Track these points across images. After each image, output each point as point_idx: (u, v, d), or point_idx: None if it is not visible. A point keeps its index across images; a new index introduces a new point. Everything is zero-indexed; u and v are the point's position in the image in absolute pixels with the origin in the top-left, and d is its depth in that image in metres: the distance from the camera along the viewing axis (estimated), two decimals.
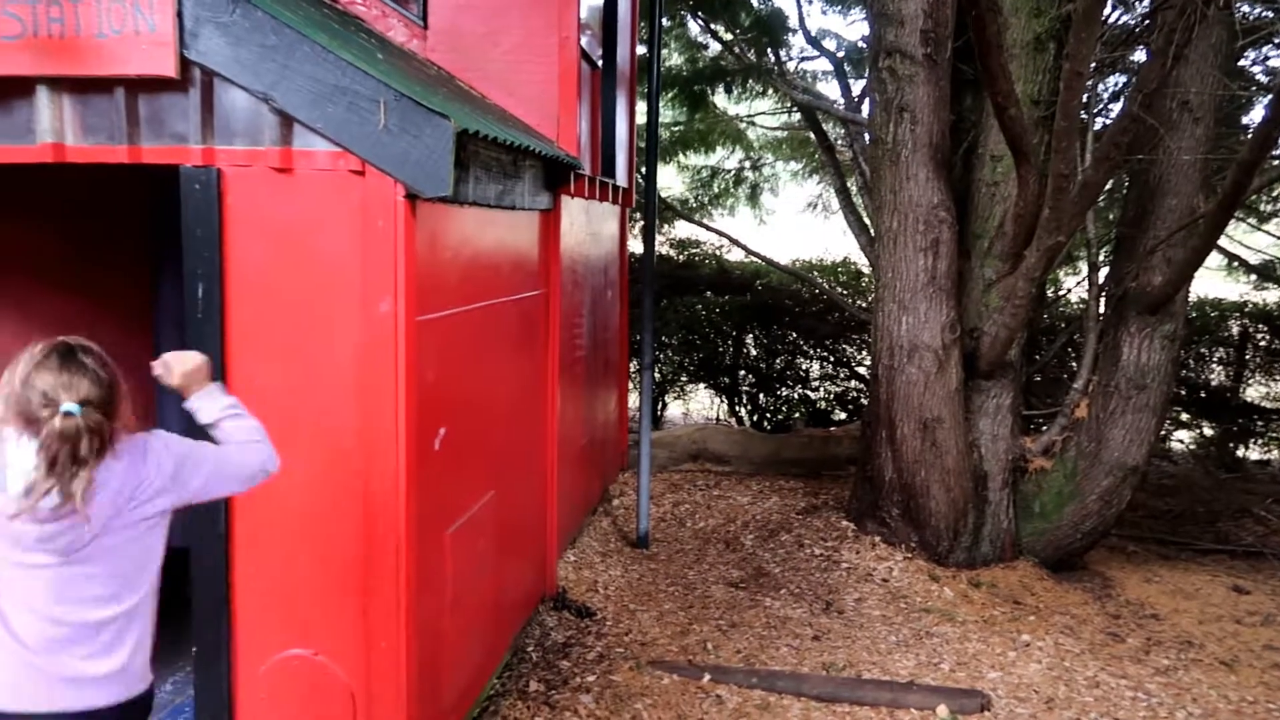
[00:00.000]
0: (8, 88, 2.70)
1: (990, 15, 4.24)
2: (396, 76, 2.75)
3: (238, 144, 2.68)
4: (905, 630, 4.62)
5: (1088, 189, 4.52)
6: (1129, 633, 4.81)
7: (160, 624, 1.98)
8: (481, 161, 3.14)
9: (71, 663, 1.92)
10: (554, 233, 4.39)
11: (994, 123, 4.92)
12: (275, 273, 2.71)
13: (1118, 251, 5.61)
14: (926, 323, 5.24)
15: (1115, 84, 6.85)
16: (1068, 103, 4.10)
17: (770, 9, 8.38)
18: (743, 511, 6.42)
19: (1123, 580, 5.61)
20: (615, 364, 6.80)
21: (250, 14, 2.57)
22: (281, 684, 2.83)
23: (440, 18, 4.19)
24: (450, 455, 3.11)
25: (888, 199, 5.33)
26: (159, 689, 3.59)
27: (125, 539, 1.96)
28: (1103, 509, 5.37)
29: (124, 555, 1.96)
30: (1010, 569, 5.38)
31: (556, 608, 4.56)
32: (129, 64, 2.59)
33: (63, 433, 1.81)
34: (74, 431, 1.82)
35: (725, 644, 4.38)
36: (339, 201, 2.66)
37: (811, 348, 9.12)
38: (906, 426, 5.34)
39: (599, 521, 6.00)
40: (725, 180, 10.20)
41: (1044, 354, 7.21)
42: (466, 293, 3.26)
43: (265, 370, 2.74)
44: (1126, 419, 5.24)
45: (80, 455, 1.82)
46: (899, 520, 5.53)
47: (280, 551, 2.80)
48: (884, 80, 5.22)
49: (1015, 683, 4.15)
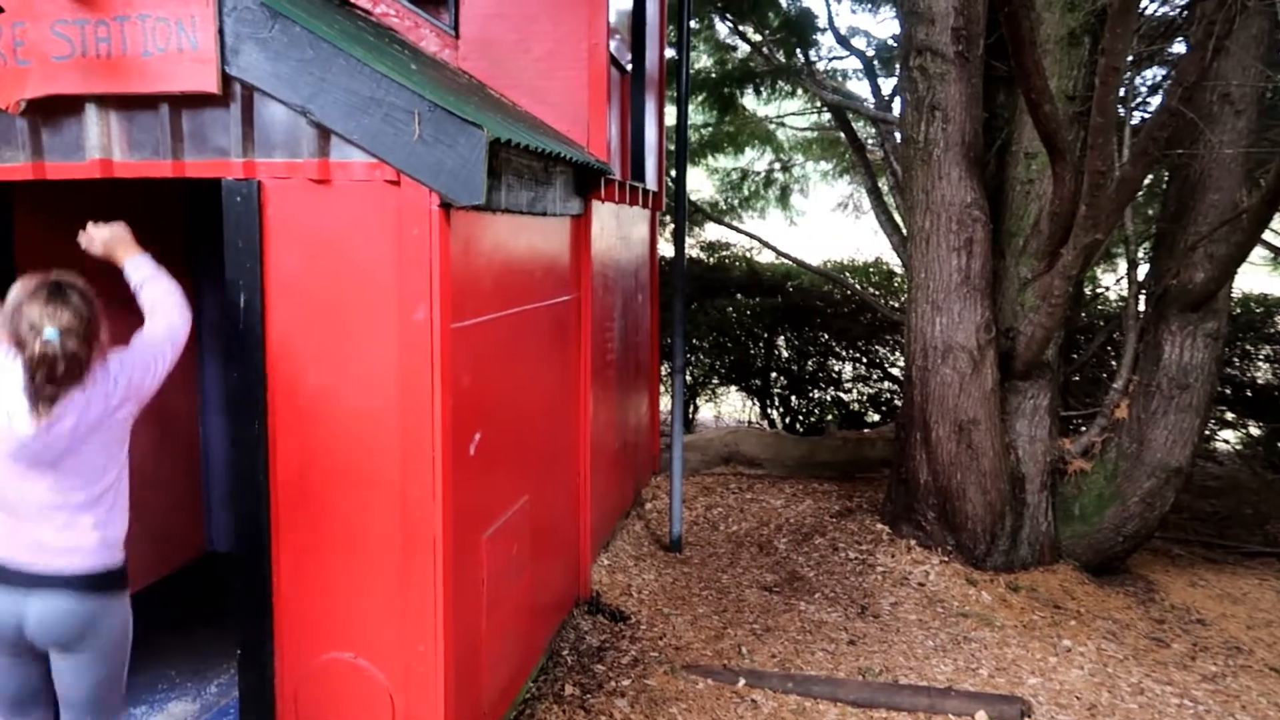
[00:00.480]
0: (58, 106, 2.78)
1: (1023, 11, 4.20)
2: (430, 87, 2.79)
3: (277, 156, 2.73)
4: (942, 635, 4.58)
5: (1125, 185, 4.45)
6: (1174, 638, 4.73)
7: (204, 626, 2.12)
8: (513, 169, 3.17)
9: (45, 533, 2.29)
10: (585, 238, 4.42)
11: (1028, 120, 4.87)
12: (313, 282, 2.76)
13: (1157, 248, 5.52)
14: (961, 323, 5.19)
15: (1153, 77, 6.74)
16: (1104, 98, 4.05)
17: (799, 9, 8.35)
18: (776, 515, 6.40)
19: (1167, 584, 5.51)
20: (646, 367, 6.81)
21: (289, 29, 2.62)
22: (323, 686, 2.88)
23: (471, 27, 4.24)
24: (485, 460, 3.15)
25: (920, 198, 5.29)
26: (203, 690, 3.67)
27: (91, 449, 2.31)
28: (1145, 511, 5.28)
29: (88, 462, 2.32)
30: (1050, 572, 5.31)
31: (591, 611, 4.58)
32: (173, 81, 2.65)
33: (42, 356, 2.14)
34: (51, 355, 2.15)
35: (760, 648, 4.38)
36: (375, 211, 2.70)
37: (844, 349, 9.06)
38: (941, 428, 5.29)
39: (632, 525, 6.01)
40: (755, 182, 10.17)
41: (1082, 353, 7.10)
42: (500, 299, 3.29)
43: (304, 377, 2.79)
44: (1169, 419, 5.15)
45: (56, 375, 2.16)
46: (935, 523, 5.48)
47: (320, 556, 2.84)
48: (915, 79, 5.19)
49: (1056, 689, 4.10)
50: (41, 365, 2.15)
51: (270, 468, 2.83)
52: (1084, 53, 5.11)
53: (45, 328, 2.15)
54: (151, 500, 4.16)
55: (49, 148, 2.83)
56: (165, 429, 4.28)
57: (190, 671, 3.78)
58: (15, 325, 2.18)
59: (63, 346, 2.16)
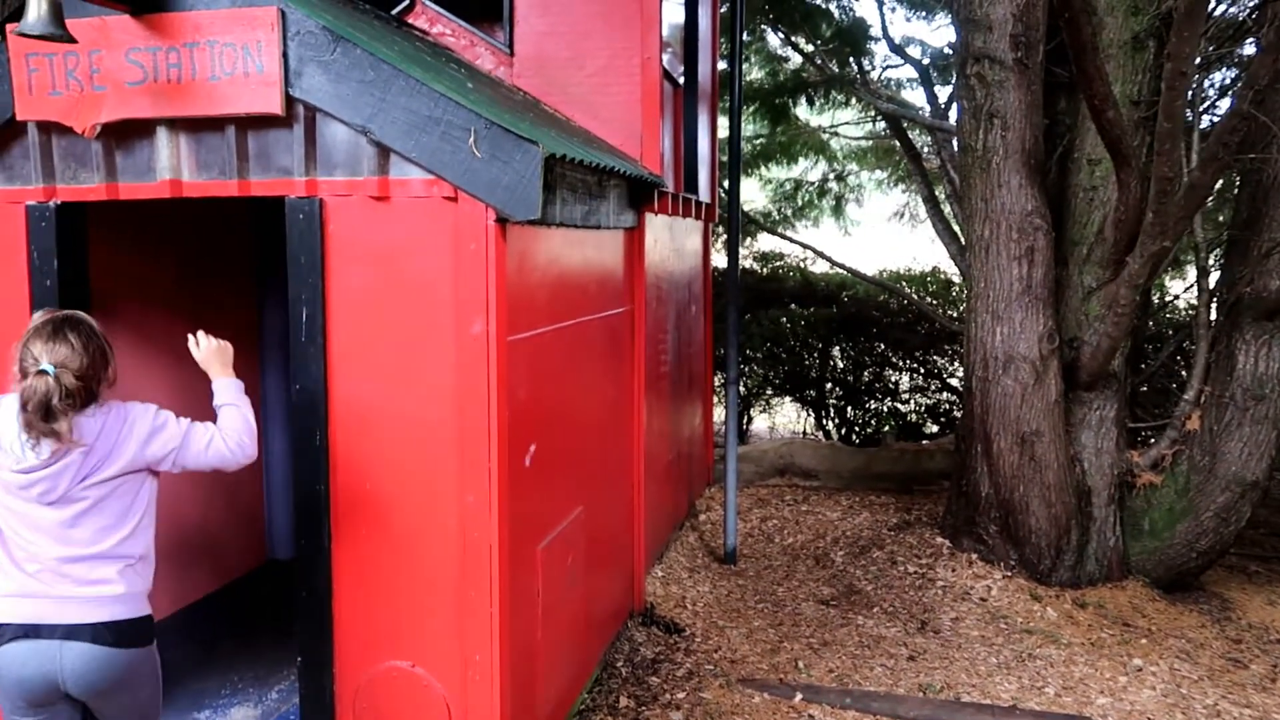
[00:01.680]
0: (131, 130, 2.89)
1: (1084, 16, 4.11)
2: (486, 105, 2.84)
3: (338, 175, 2.80)
4: (1006, 652, 4.47)
5: (1194, 191, 4.32)
6: (1252, 659, 4.55)
7: (266, 633, 2.13)
8: (568, 183, 3.20)
9: (67, 586, 2.28)
10: (638, 250, 4.44)
11: (1090, 126, 4.76)
12: (373, 297, 2.82)
13: (1229, 255, 5.34)
14: (1022, 333, 5.08)
15: (1222, 80, 6.54)
16: (1171, 103, 3.94)
17: (852, 18, 8.30)
18: (832, 527, 6.33)
19: (1244, 602, 5.31)
20: (700, 378, 6.80)
21: (350, 52, 2.68)
22: (381, 694, 2.92)
23: (526, 45, 4.30)
24: (540, 471, 3.17)
25: (979, 207, 5.20)
26: (265, 696, 3.75)
27: (103, 492, 2.30)
28: (1219, 526, 5.10)
29: (106, 511, 2.31)
30: (1119, 589, 5.16)
31: (645, 623, 4.57)
32: (239, 103, 2.74)
33: (34, 387, 2.19)
34: (44, 388, 2.19)
35: (817, 663, 4.32)
36: (433, 227, 2.75)
37: (900, 359, 8.93)
38: (1003, 440, 5.18)
39: (686, 537, 5.99)
40: (809, 192, 10.11)
41: (1150, 363, 6.90)
42: (555, 312, 3.32)
43: (364, 390, 2.85)
44: (1244, 431, 4.97)
45: (53, 407, 2.19)
46: (997, 537, 5.36)
47: (379, 566, 2.89)
48: (972, 87, 5.11)
49: (1127, 710, 3.97)
50: (33, 397, 2.19)
51: (330, 479, 2.89)
52: (1148, 57, 4.98)
53: (43, 361, 2.22)
54: (214, 510, 4.27)
55: (121, 169, 2.94)
56: None
57: (252, 677, 3.87)
58: (21, 360, 2.26)
59: (57, 380, 2.20)
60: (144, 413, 2.39)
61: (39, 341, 2.26)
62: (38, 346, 2.25)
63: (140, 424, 2.36)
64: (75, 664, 2.28)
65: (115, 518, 2.33)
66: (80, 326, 2.32)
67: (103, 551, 2.31)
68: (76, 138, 2.91)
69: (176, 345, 3.20)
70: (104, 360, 2.33)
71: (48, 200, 3.00)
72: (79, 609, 2.28)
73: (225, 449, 2.47)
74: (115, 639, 2.31)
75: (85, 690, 2.31)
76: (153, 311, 3.75)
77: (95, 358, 2.30)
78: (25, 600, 2.28)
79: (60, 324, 2.30)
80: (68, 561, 2.28)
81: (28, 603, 2.28)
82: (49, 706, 2.34)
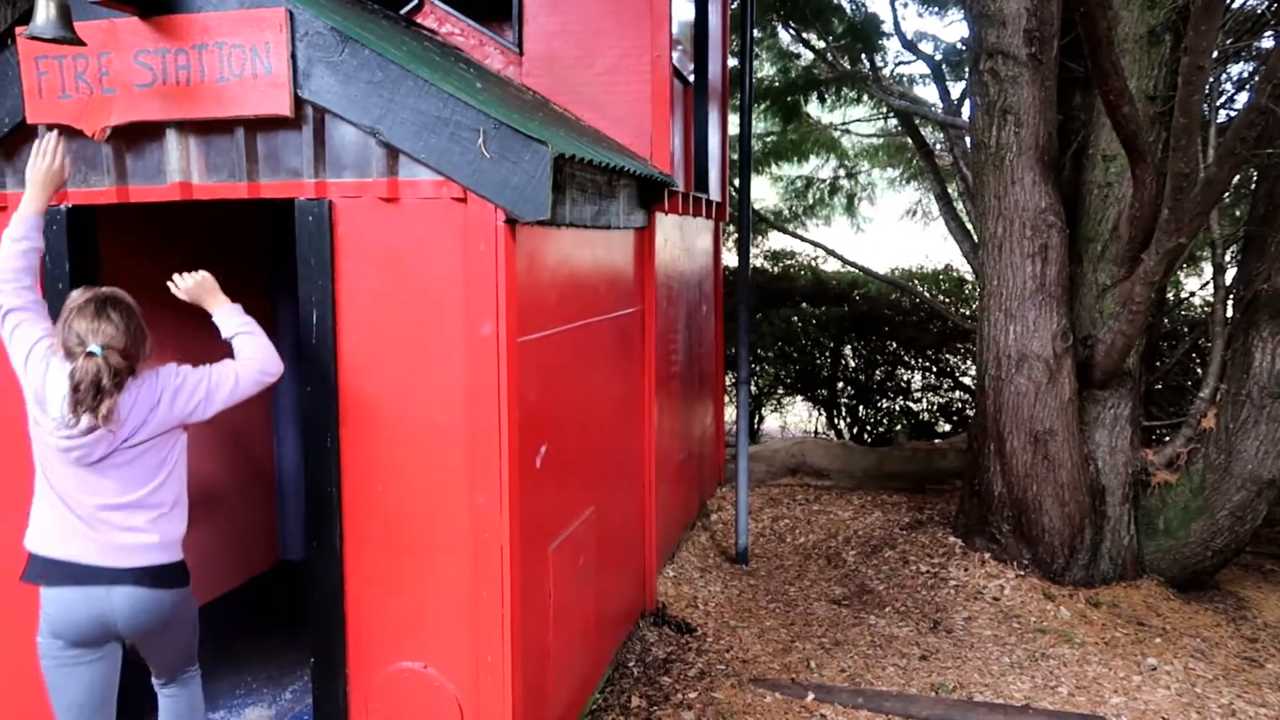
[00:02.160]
0: (140, 133, 2.89)
1: (1099, 10, 4.07)
2: (495, 105, 2.83)
3: (347, 176, 2.80)
4: (1019, 651, 4.45)
5: (1211, 188, 4.27)
6: (1268, 658, 4.51)
7: (279, 633, 2.17)
8: (577, 183, 3.19)
9: (111, 533, 2.44)
10: (649, 250, 4.42)
11: (1105, 122, 4.72)
12: (383, 298, 2.82)
13: (1246, 251, 5.28)
14: (1036, 331, 5.05)
15: (1239, 73, 6.47)
16: (1187, 98, 3.90)
17: (863, 14, 8.25)
18: (844, 527, 6.30)
19: (1259, 601, 5.26)
20: (711, 378, 6.78)
21: (358, 53, 2.68)
22: (394, 695, 2.92)
23: (535, 44, 4.29)
24: (551, 472, 3.16)
25: (992, 204, 5.17)
26: (279, 696, 3.76)
27: (137, 453, 2.44)
28: (1235, 525, 5.06)
29: (140, 465, 2.46)
30: (1133, 588, 5.12)
31: (657, 623, 4.57)
32: (248, 105, 2.74)
33: (85, 369, 2.30)
34: (95, 369, 2.30)
35: (829, 662, 4.30)
36: (442, 228, 2.74)
37: (913, 358, 8.88)
38: (1016, 439, 5.15)
39: (697, 536, 5.98)
40: (820, 190, 10.07)
41: (1165, 361, 6.83)
42: (565, 312, 3.31)
43: (374, 391, 2.85)
44: (1260, 429, 4.92)
45: (103, 387, 2.31)
46: (1010, 536, 5.33)
47: (391, 567, 2.89)
48: (985, 83, 5.07)
49: (1141, 709, 3.94)
50: (85, 377, 2.30)
51: (341, 480, 2.89)
52: (1165, 51, 4.93)
53: (90, 342, 2.33)
54: (228, 511, 4.29)
55: (132, 172, 2.94)
56: (240, 442, 4.41)
57: (265, 678, 3.88)
58: (64, 337, 2.37)
59: (105, 360, 2.32)
60: (171, 376, 2.51)
61: (83, 320, 2.36)
62: (82, 325, 2.35)
63: (168, 388, 2.48)
64: (124, 606, 2.45)
65: (148, 472, 2.48)
66: (120, 305, 2.42)
67: (136, 500, 2.46)
68: (87, 141, 2.91)
69: (187, 347, 3.21)
70: (144, 337, 2.45)
71: (59, 204, 3.00)
72: (120, 555, 2.45)
73: (252, 379, 2.59)
74: (156, 581, 2.48)
75: (134, 630, 2.50)
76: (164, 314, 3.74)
77: (136, 335, 2.41)
78: (72, 540, 2.44)
79: (102, 303, 2.39)
80: (105, 509, 2.44)
81: (74, 542, 2.44)
82: (100, 646, 2.52)
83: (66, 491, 2.44)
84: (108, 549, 2.45)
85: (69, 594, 2.44)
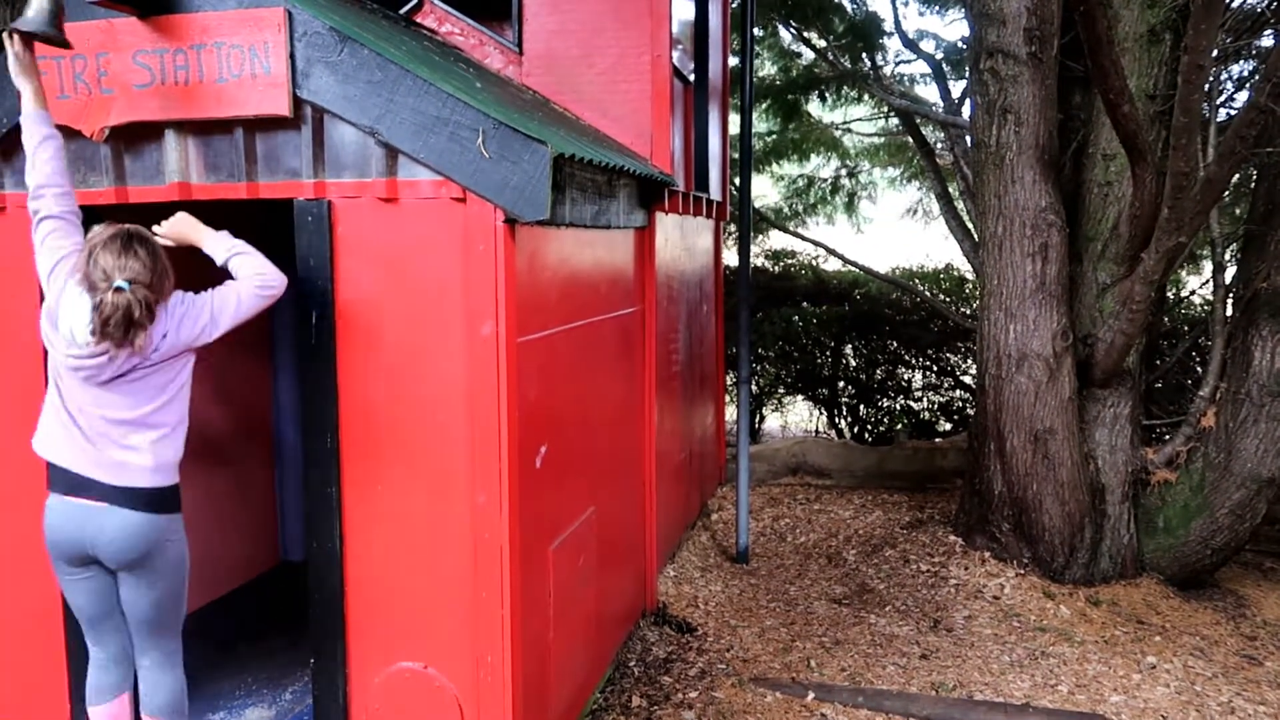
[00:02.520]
0: (139, 133, 2.89)
1: (1099, 9, 4.07)
2: (494, 105, 2.83)
3: (346, 176, 2.80)
4: (1019, 650, 4.45)
5: (1211, 186, 4.27)
6: (1267, 655, 4.51)
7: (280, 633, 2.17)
8: (577, 183, 3.19)
9: (109, 448, 2.52)
10: (649, 250, 4.42)
11: (1105, 121, 4.72)
12: (383, 298, 2.82)
13: (1246, 250, 5.28)
14: (1036, 330, 5.05)
15: (1239, 72, 6.46)
16: (1187, 97, 3.89)
17: (864, 13, 8.24)
18: (844, 526, 6.30)
19: (1258, 599, 5.26)
20: (712, 378, 6.78)
21: (357, 52, 2.68)
22: (394, 695, 2.92)
23: (535, 43, 4.29)
24: (551, 472, 3.16)
25: (992, 203, 5.17)
26: (279, 696, 3.76)
27: (145, 373, 2.51)
28: (1235, 523, 5.05)
29: (147, 384, 2.53)
30: (1133, 586, 5.12)
31: (657, 623, 4.57)
32: (247, 105, 2.74)
33: (115, 304, 2.35)
34: (125, 303, 2.36)
35: (829, 661, 4.31)
36: (441, 228, 2.74)
37: (913, 357, 8.88)
38: (1016, 438, 5.15)
39: (698, 536, 5.98)
40: (821, 189, 10.06)
41: (1165, 360, 6.83)
42: (565, 312, 3.31)
43: (374, 391, 2.85)
44: (1259, 428, 4.91)
45: (136, 319, 2.38)
46: (1010, 535, 5.33)
47: (391, 567, 2.89)
48: (985, 82, 5.07)
49: (1140, 707, 3.94)
50: (114, 312, 2.35)
51: (341, 481, 2.90)
52: (1165, 50, 4.93)
53: (116, 278, 2.36)
54: (229, 511, 4.29)
55: (130, 172, 2.94)
56: (241, 442, 4.41)
57: (266, 678, 3.89)
58: (88, 270, 2.40)
59: (134, 294, 2.37)
60: (177, 303, 2.56)
61: (109, 255, 2.39)
62: (108, 260, 2.39)
63: (174, 314, 2.53)
64: (108, 527, 2.52)
65: (154, 391, 2.55)
66: (146, 242, 2.48)
67: (140, 417, 2.53)
68: (85, 141, 2.91)
69: None
70: (168, 274, 2.50)
71: None
72: (116, 472, 2.52)
73: (253, 293, 2.63)
74: (143, 504, 2.54)
75: (116, 554, 2.55)
76: None
77: (161, 273, 2.47)
78: (71, 448, 2.53)
79: (129, 239, 2.43)
80: (109, 423, 2.51)
81: (83, 456, 2.52)
82: (83, 566, 2.60)
83: (75, 402, 2.51)
84: (103, 464, 2.51)
85: (61, 505, 2.54)
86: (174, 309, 2.55)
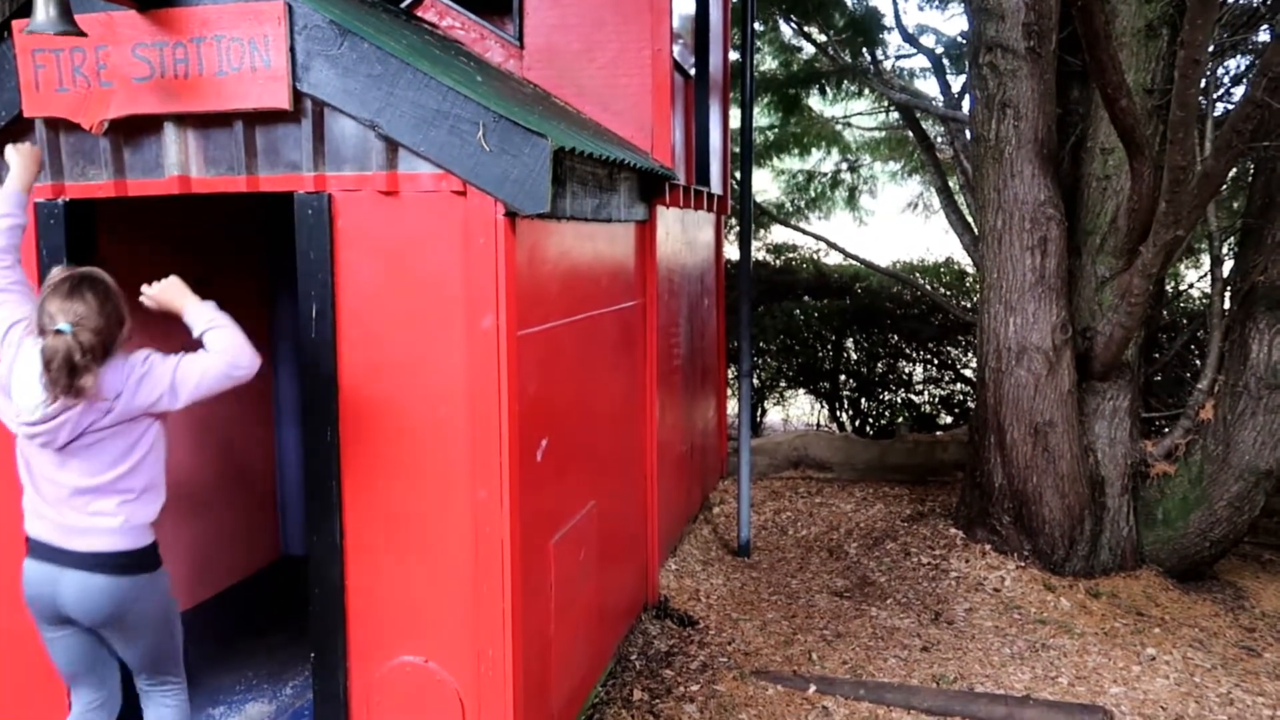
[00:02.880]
0: (139, 126, 2.89)
1: (1097, 4, 4.07)
2: (495, 98, 2.83)
3: (347, 169, 2.80)
4: (1020, 642, 4.46)
5: (1208, 180, 4.27)
6: (1266, 647, 4.52)
7: (280, 628, 2.16)
8: (578, 177, 3.19)
9: (71, 516, 2.45)
10: (650, 243, 4.42)
11: (1104, 115, 4.72)
12: (383, 292, 2.82)
13: (1244, 243, 5.29)
14: (1035, 323, 5.05)
15: (1236, 67, 6.46)
16: (1184, 92, 3.89)
17: (865, 8, 8.24)
18: (846, 519, 6.32)
19: (1257, 591, 5.27)
20: (713, 371, 6.79)
21: (357, 45, 2.68)
22: (394, 689, 2.93)
23: (536, 37, 4.29)
24: (552, 466, 3.17)
25: (991, 197, 5.17)
26: (279, 691, 3.77)
27: (101, 436, 2.41)
28: (1233, 515, 5.07)
29: (105, 449, 2.43)
30: (1132, 578, 5.13)
31: (659, 616, 4.58)
32: (247, 99, 2.74)
33: (54, 347, 2.27)
34: (64, 347, 2.27)
35: (830, 654, 4.32)
36: (442, 221, 2.74)
37: (914, 351, 8.89)
38: (1016, 431, 5.16)
39: (699, 529, 5.99)
40: (822, 183, 10.06)
41: (1164, 353, 6.84)
42: (565, 306, 3.31)
43: (374, 385, 2.85)
44: (1257, 420, 4.92)
45: (76, 364, 2.28)
46: (1010, 528, 5.34)
47: (392, 561, 2.90)
48: (985, 76, 5.07)
49: (1140, 699, 3.95)
50: (53, 355, 2.28)
51: (342, 474, 2.90)
52: (1162, 45, 4.93)
53: (59, 321, 2.30)
54: (229, 506, 4.30)
55: (130, 166, 2.94)
56: (241, 436, 4.41)
57: (267, 673, 3.90)
58: (39, 316, 2.35)
59: (75, 338, 2.29)
60: (139, 362, 2.46)
61: (56, 299, 2.33)
62: (55, 304, 2.33)
63: (134, 374, 2.43)
64: (70, 591, 2.46)
65: (115, 456, 2.45)
66: (97, 284, 2.39)
67: (102, 484, 2.44)
68: (84, 134, 2.91)
69: (188, 342, 3.21)
70: (120, 318, 2.41)
71: (56, 198, 3.00)
72: (80, 539, 2.45)
73: (219, 372, 2.47)
74: (111, 568, 2.46)
75: (85, 615, 2.49)
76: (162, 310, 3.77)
77: (111, 316, 2.38)
78: (43, 520, 2.48)
79: (78, 282, 2.37)
80: (72, 493, 2.44)
81: (44, 522, 2.47)
82: (63, 625, 2.55)
83: (38, 472, 2.47)
84: (66, 530, 2.46)
85: (31, 568, 2.50)
86: (134, 367, 2.43)
